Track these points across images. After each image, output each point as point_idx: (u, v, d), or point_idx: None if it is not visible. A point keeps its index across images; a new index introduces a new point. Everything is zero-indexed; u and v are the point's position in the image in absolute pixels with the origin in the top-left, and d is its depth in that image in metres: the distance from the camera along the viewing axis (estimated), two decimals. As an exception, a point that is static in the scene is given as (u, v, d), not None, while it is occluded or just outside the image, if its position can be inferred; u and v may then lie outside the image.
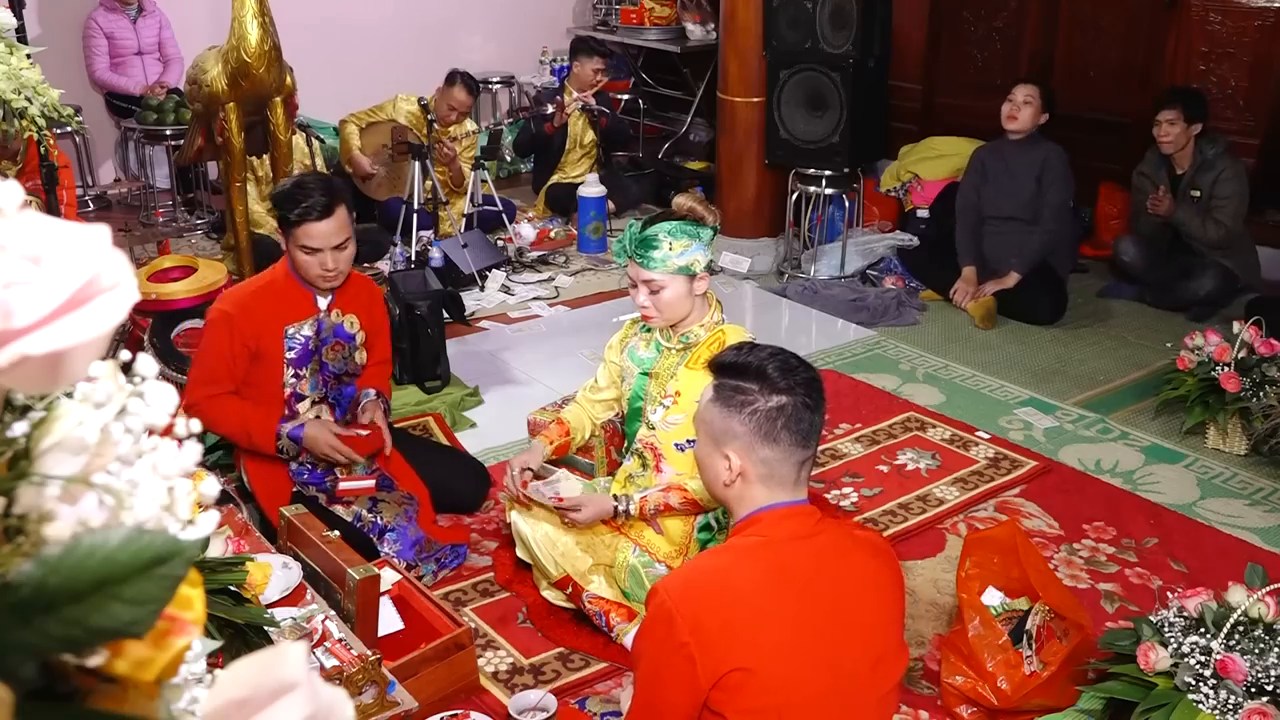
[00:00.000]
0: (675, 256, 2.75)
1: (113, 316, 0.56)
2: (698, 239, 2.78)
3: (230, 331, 3.03)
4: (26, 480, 0.60)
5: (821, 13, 5.17)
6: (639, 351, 2.99)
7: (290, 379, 3.13)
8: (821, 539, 1.87)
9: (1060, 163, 4.98)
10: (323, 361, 3.17)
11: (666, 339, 2.91)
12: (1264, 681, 2.31)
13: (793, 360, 1.93)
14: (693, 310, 2.85)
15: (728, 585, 1.80)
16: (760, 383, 1.87)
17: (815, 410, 1.89)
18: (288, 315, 3.09)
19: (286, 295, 3.10)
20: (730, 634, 1.75)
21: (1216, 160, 4.90)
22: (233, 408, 3.07)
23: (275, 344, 3.08)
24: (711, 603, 1.78)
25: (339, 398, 3.26)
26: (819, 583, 1.83)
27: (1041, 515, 3.50)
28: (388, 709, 2.24)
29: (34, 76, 1.98)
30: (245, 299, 3.10)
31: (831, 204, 5.57)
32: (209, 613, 0.98)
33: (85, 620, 0.56)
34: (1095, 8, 5.86)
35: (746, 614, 1.77)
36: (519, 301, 5.21)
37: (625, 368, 3.02)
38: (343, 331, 3.19)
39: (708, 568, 1.91)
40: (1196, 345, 3.94)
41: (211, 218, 5.91)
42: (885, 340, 4.85)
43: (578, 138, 6.23)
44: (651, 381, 2.92)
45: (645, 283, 2.80)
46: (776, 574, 1.82)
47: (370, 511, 3.12)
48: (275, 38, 4.21)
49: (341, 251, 3.04)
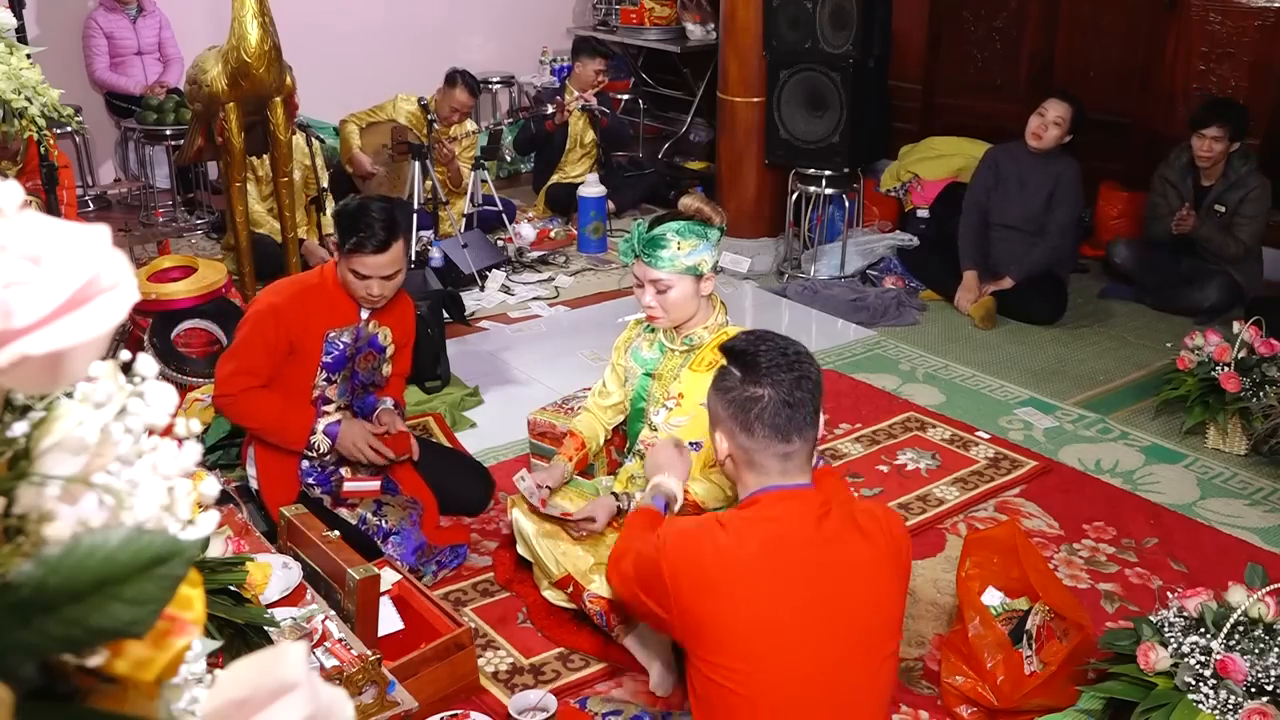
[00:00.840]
0: (683, 256, 2.75)
1: (113, 316, 0.56)
2: (705, 239, 2.78)
3: (276, 324, 3.03)
4: (26, 480, 0.60)
5: (821, 13, 5.17)
6: (642, 352, 2.99)
7: (321, 382, 3.13)
8: (821, 522, 1.92)
9: (1073, 181, 4.93)
10: (354, 370, 3.18)
11: (670, 340, 2.91)
12: (1264, 681, 2.31)
13: (790, 355, 1.96)
14: (698, 312, 2.84)
15: (716, 546, 1.90)
16: (745, 372, 1.94)
17: (797, 408, 1.91)
18: (331, 320, 3.09)
19: (333, 300, 3.10)
20: (706, 590, 1.88)
21: (1247, 178, 4.83)
22: (269, 400, 3.07)
23: (314, 345, 3.08)
24: (696, 556, 1.90)
25: (361, 406, 3.27)
26: (811, 564, 1.89)
27: (1041, 515, 3.50)
28: (388, 709, 2.24)
29: (34, 76, 1.98)
30: (294, 295, 3.10)
31: (831, 204, 5.57)
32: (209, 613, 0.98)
33: (85, 620, 0.56)
34: (1095, 8, 5.86)
35: (728, 576, 1.88)
36: (519, 301, 5.20)
37: (628, 368, 3.02)
38: (376, 343, 3.20)
39: (703, 526, 1.98)
40: (1196, 345, 3.94)
41: (211, 218, 5.90)
42: (885, 340, 4.85)
43: (578, 137, 6.23)
44: (654, 383, 2.92)
45: (652, 282, 2.79)
46: (769, 548, 1.90)
47: (375, 515, 3.13)
48: (275, 38, 4.21)
49: (389, 281, 3.05)
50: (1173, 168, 5.03)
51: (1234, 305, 4.82)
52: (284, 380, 3.10)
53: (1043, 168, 4.94)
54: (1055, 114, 4.88)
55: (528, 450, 3.55)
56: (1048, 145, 4.91)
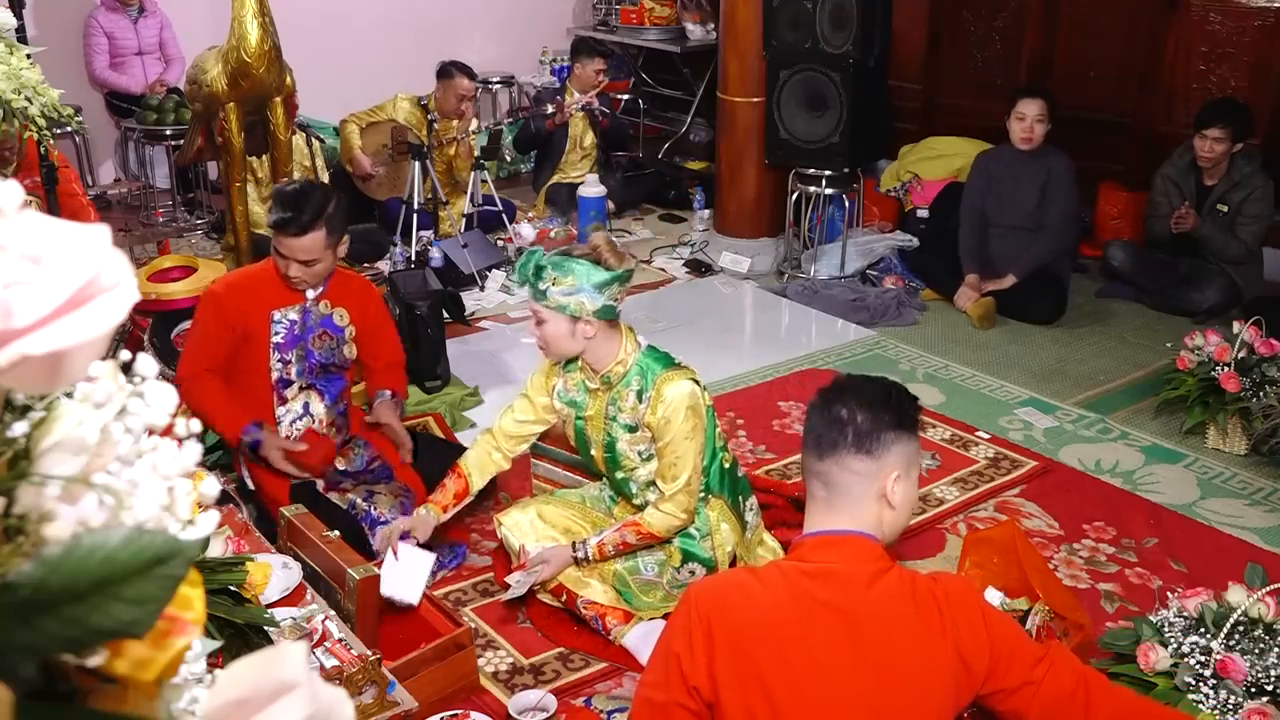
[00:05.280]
0: (557, 293, 2.68)
1: (113, 316, 0.56)
2: (588, 282, 2.67)
3: (217, 310, 3.15)
4: (26, 480, 0.60)
5: (821, 13, 5.17)
6: (569, 394, 2.93)
7: (276, 363, 3.20)
8: (871, 581, 1.75)
9: (1065, 174, 4.94)
10: (308, 349, 3.22)
11: (590, 379, 2.86)
12: (1264, 681, 2.30)
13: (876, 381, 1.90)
14: (600, 348, 2.77)
15: (751, 602, 1.76)
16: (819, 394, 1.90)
17: (831, 425, 1.81)
18: (275, 300, 3.18)
19: (277, 283, 3.18)
20: (741, 651, 1.73)
21: (1250, 178, 4.82)
22: (211, 394, 3.14)
23: (262, 327, 3.17)
24: (732, 615, 1.75)
25: (327, 387, 3.31)
26: (848, 624, 1.72)
27: (1041, 515, 3.50)
28: (388, 709, 2.24)
29: (34, 76, 1.98)
30: (235, 281, 3.25)
31: (831, 204, 5.57)
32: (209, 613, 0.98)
33: (85, 620, 0.56)
34: (1095, 8, 5.86)
35: (763, 634, 1.73)
36: (519, 301, 5.20)
37: (561, 412, 2.97)
38: (331, 323, 3.26)
39: (740, 581, 1.84)
40: (1196, 345, 3.94)
41: (211, 218, 5.90)
42: (885, 340, 4.84)
43: (578, 139, 6.22)
44: (588, 425, 2.89)
45: (533, 311, 2.76)
46: (802, 604, 1.74)
47: (365, 501, 3.16)
48: (275, 38, 4.21)
49: (307, 267, 3.11)
50: (1175, 167, 5.02)
51: (1233, 306, 4.81)
52: (243, 365, 3.19)
53: (1033, 164, 4.96)
54: (1036, 112, 4.90)
55: (527, 450, 3.54)
56: (1037, 143, 4.93)
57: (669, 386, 2.73)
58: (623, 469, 2.87)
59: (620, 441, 2.83)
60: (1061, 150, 5.00)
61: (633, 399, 2.78)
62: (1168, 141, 5.39)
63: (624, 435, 2.82)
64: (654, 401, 2.73)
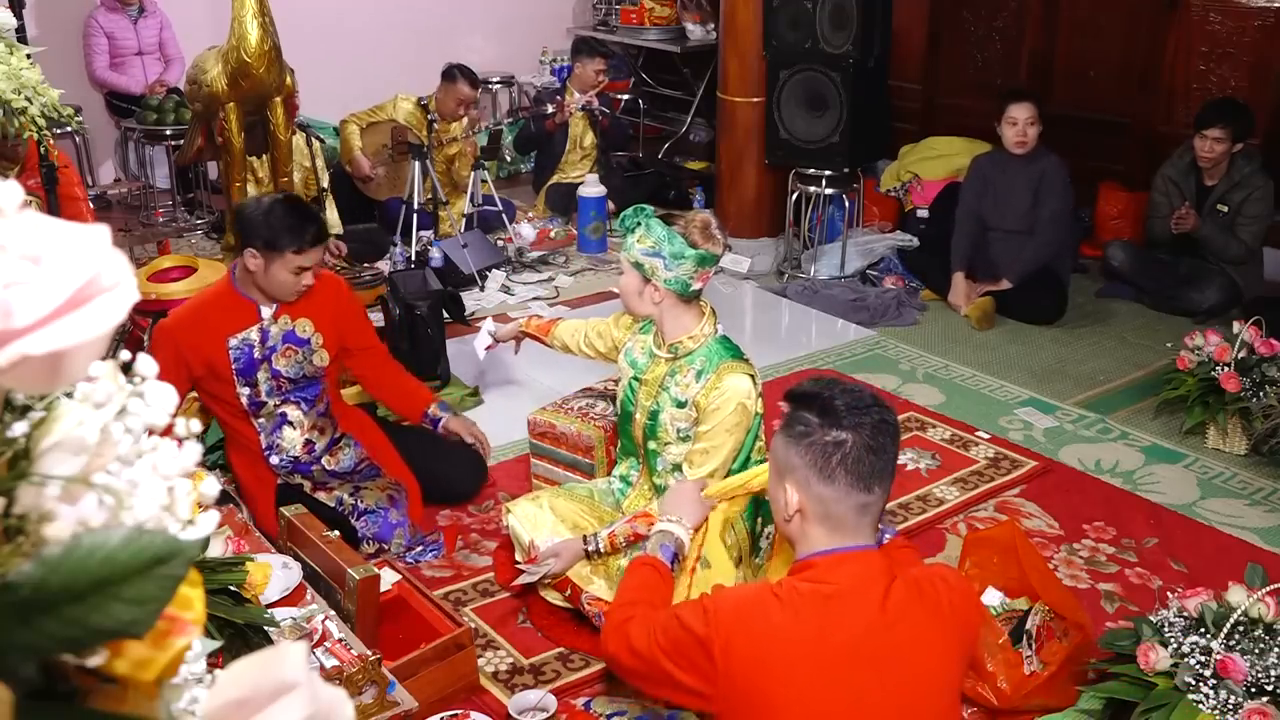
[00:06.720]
0: (636, 248, 2.75)
1: (113, 316, 0.56)
2: (668, 246, 2.71)
3: (172, 347, 3.05)
4: (26, 480, 0.60)
5: (821, 13, 5.17)
6: (634, 354, 2.98)
7: (242, 388, 3.13)
8: (886, 600, 1.77)
9: (1058, 175, 4.94)
10: (274, 369, 3.15)
11: (658, 346, 2.90)
12: (1264, 681, 2.31)
13: (867, 399, 1.84)
14: (672, 319, 2.81)
15: (769, 622, 1.76)
16: (823, 417, 1.80)
17: (879, 453, 1.79)
18: (229, 326, 3.10)
19: (228, 308, 3.11)
20: (758, 668, 1.74)
21: (1251, 178, 4.82)
22: None
23: (220, 356, 3.09)
24: (749, 634, 1.76)
25: (304, 395, 3.24)
26: (876, 649, 1.75)
27: (1041, 515, 3.50)
28: (388, 709, 2.24)
29: (34, 76, 1.98)
30: (185, 314, 3.14)
31: (831, 204, 5.57)
32: (209, 613, 0.98)
33: (85, 620, 0.56)
34: (1095, 8, 5.86)
35: (786, 658, 1.74)
36: (519, 301, 5.20)
37: (620, 368, 3.02)
38: (294, 336, 3.18)
39: (759, 598, 1.82)
40: (1196, 345, 3.94)
41: (211, 218, 5.89)
42: (885, 340, 4.85)
43: (578, 140, 6.23)
44: (641, 388, 2.92)
45: (621, 259, 2.84)
46: (829, 629, 1.75)
47: (352, 496, 3.21)
48: (275, 38, 4.21)
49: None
50: (1176, 167, 5.02)
51: (1233, 306, 4.81)
52: (215, 395, 3.15)
53: (1027, 167, 4.96)
54: (1027, 116, 4.90)
55: (528, 450, 3.55)
56: (1031, 145, 4.93)
57: (730, 376, 2.75)
58: (657, 440, 2.88)
59: (664, 412, 2.84)
60: (1054, 152, 5.00)
61: (691, 376, 2.80)
62: (1168, 141, 5.39)
63: (671, 408, 2.83)
64: (711, 384, 2.76)
